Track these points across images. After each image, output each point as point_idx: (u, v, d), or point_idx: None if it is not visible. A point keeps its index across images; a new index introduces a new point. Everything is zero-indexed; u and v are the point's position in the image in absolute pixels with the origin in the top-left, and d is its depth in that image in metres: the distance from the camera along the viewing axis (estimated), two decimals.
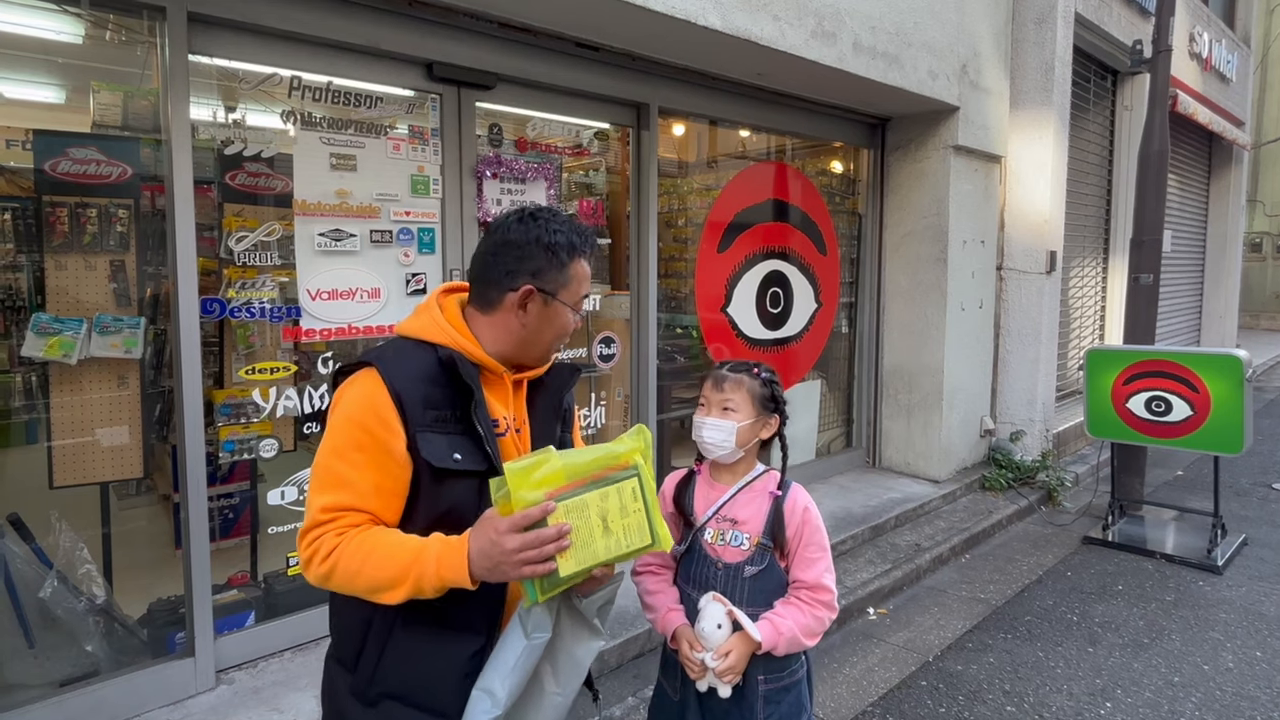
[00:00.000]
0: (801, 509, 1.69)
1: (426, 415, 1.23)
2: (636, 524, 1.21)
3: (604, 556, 1.18)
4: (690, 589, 1.70)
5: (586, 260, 1.38)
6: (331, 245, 2.87)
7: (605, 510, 1.19)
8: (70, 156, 2.50)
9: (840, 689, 2.97)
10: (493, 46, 3.20)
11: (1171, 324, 9.04)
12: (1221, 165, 10.11)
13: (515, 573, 1.13)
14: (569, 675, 1.26)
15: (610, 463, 1.22)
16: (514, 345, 1.35)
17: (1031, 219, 5.59)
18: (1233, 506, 5.09)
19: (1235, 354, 4.10)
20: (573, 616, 1.27)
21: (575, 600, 1.26)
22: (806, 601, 1.65)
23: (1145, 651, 3.27)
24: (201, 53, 2.57)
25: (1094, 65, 6.59)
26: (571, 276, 1.35)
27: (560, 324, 1.37)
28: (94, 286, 2.58)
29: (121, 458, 2.66)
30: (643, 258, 3.96)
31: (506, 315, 1.33)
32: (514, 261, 1.32)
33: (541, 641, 1.20)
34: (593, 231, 1.42)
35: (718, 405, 1.70)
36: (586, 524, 1.17)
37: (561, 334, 1.38)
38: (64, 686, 2.39)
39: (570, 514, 1.16)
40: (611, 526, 1.19)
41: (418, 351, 1.28)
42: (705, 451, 1.73)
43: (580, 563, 1.16)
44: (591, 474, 1.20)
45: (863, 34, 4.06)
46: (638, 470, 1.23)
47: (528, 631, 1.20)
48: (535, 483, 1.15)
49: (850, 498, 4.79)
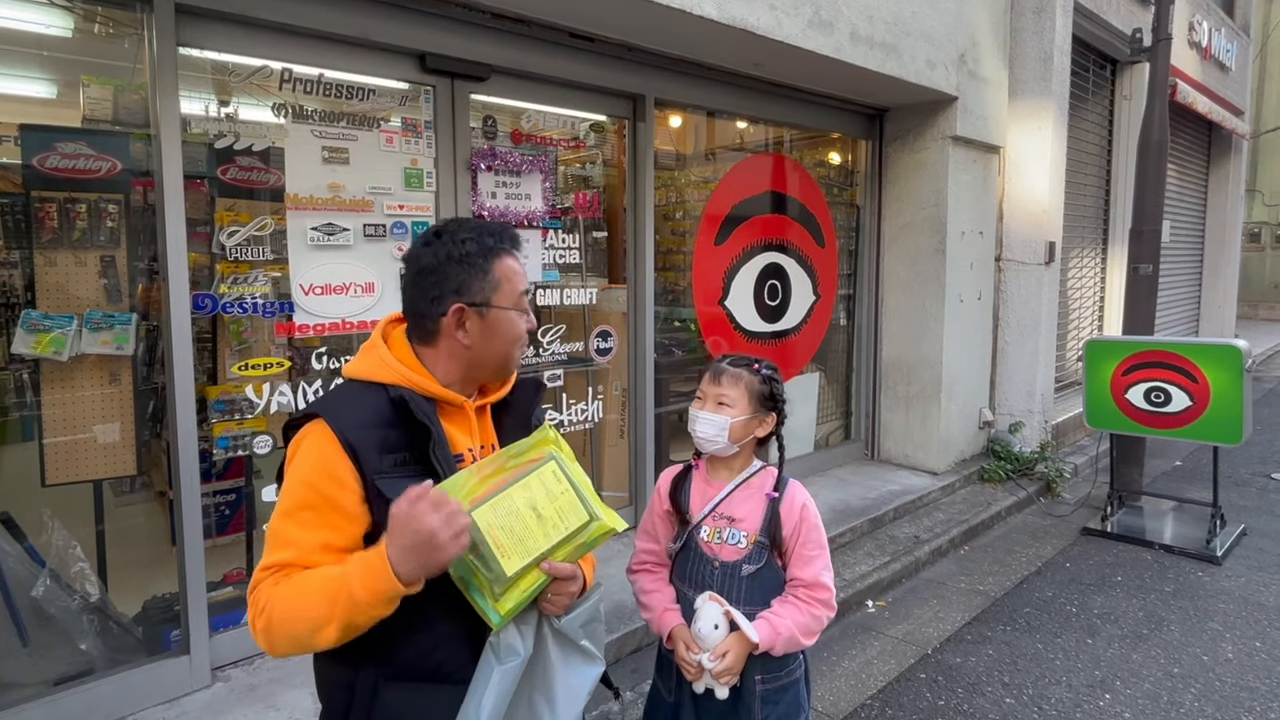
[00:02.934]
0: (799, 507, 1.67)
1: (384, 461, 1.18)
2: (569, 504, 1.19)
3: (546, 545, 1.16)
4: (686, 588, 1.68)
5: (511, 257, 1.31)
6: (324, 240, 2.85)
7: (532, 500, 1.17)
8: (59, 151, 2.47)
9: (839, 682, 2.96)
10: (486, 37, 3.17)
11: (1170, 314, 9.02)
12: (1220, 154, 10.08)
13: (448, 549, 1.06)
14: (566, 706, 1.22)
15: (520, 460, 1.21)
16: (467, 368, 1.30)
17: (1030, 209, 5.56)
18: (1232, 497, 5.09)
19: (1234, 344, 4.08)
20: (561, 643, 1.23)
21: (556, 623, 1.22)
22: (804, 600, 1.63)
23: (1144, 643, 3.27)
24: (190, 45, 2.54)
25: (1093, 54, 6.55)
26: (500, 279, 1.28)
27: (507, 331, 1.30)
28: (84, 282, 2.56)
29: (114, 455, 2.64)
30: (640, 251, 3.93)
31: (449, 341, 1.28)
32: (434, 286, 1.26)
33: (514, 665, 1.16)
34: (506, 228, 1.34)
35: (713, 399, 1.68)
36: (518, 518, 1.15)
37: (514, 340, 1.31)
38: (58, 685, 2.38)
39: (496, 512, 1.13)
40: (543, 513, 1.17)
41: (367, 394, 1.22)
42: (698, 445, 1.72)
43: (524, 556, 1.14)
44: (507, 473, 1.18)
45: (860, 23, 4.02)
46: (554, 456, 1.22)
47: (499, 656, 1.16)
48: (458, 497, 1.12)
49: (849, 490, 4.78)
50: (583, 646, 1.24)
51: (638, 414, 4.03)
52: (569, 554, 1.20)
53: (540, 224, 3.56)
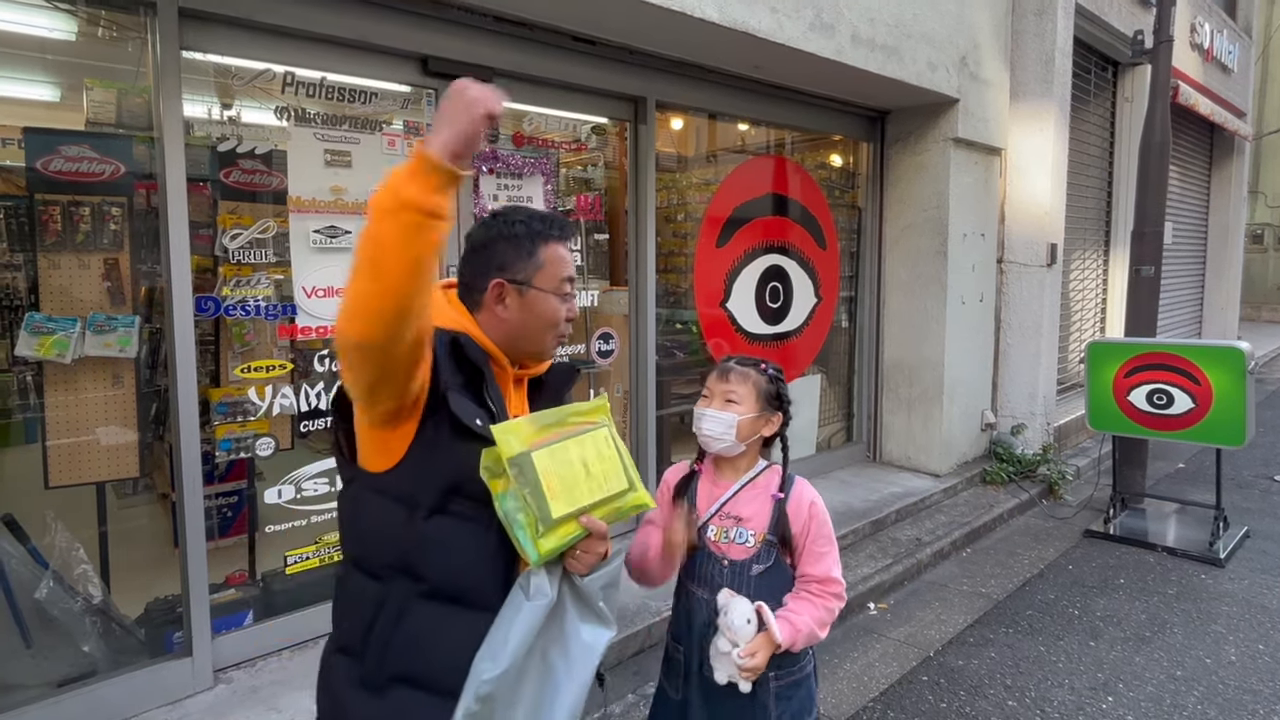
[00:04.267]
0: (807, 504, 1.68)
1: (453, 379, 1.24)
2: (612, 470, 1.28)
3: (588, 499, 1.23)
4: (695, 587, 1.68)
5: (559, 243, 1.37)
6: (327, 242, 2.86)
7: (584, 456, 1.25)
8: (62, 154, 2.48)
9: (841, 684, 2.96)
10: (488, 41, 3.18)
11: (1173, 316, 9.01)
12: (1223, 156, 10.07)
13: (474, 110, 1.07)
14: (582, 662, 1.26)
15: (578, 418, 1.29)
16: (504, 339, 1.34)
17: (1032, 211, 5.56)
18: (1235, 499, 5.08)
19: (1237, 346, 4.08)
20: (579, 602, 1.28)
21: (578, 581, 1.27)
22: (817, 594, 1.65)
23: (1147, 645, 3.26)
24: (194, 49, 2.55)
25: (1094, 56, 6.55)
26: (544, 261, 1.34)
27: (543, 311, 1.34)
28: (88, 285, 2.56)
29: (117, 457, 2.65)
30: (641, 253, 3.94)
31: (489, 314, 1.34)
32: (483, 263, 1.34)
33: (543, 604, 1.20)
34: (560, 217, 1.41)
35: (720, 396, 1.68)
36: (570, 468, 1.22)
37: (550, 322, 1.35)
38: (61, 687, 2.38)
39: (553, 458, 1.21)
40: (592, 470, 1.25)
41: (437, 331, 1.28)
42: (704, 444, 1.71)
43: (570, 504, 1.21)
44: (565, 427, 1.26)
45: (861, 26, 4.03)
46: (607, 425, 1.31)
47: (529, 594, 1.21)
48: (520, 437, 1.20)
49: (851, 492, 4.77)
50: (598, 609, 1.28)
51: (639, 416, 4.03)
52: (605, 515, 1.27)
53: None
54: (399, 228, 1.04)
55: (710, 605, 1.63)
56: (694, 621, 1.66)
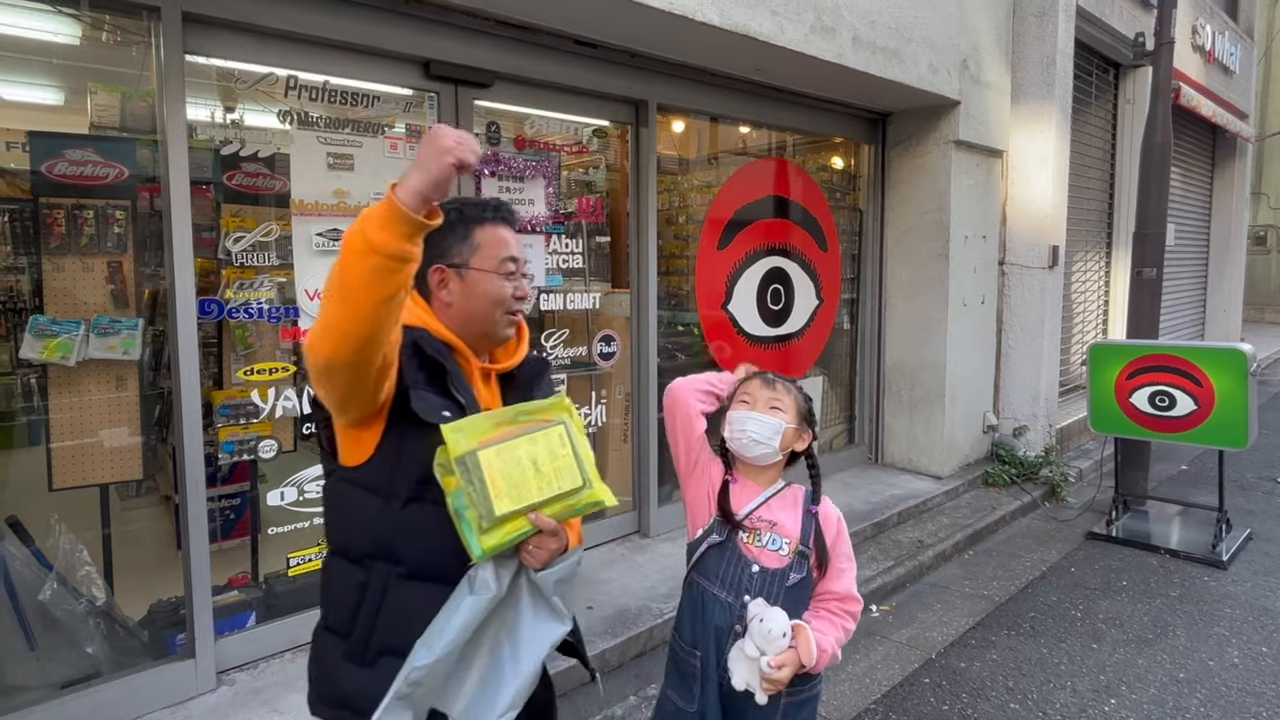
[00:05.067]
0: (835, 520, 1.70)
1: (415, 376, 1.28)
2: (565, 467, 1.27)
3: (537, 497, 1.24)
4: (718, 589, 1.63)
5: (495, 225, 1.40)
6: (329, 245, 2.86)
7: (534, 454, 1.26)
8: (66, 158, 2.49)
9: (843, 686, 2.96)
10: (490, 44, 3.19)
11: (1175, 318, 9.00)
12: (1225, 158, 10.06)
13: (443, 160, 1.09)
14: (529, 655, 1.29)
15: (534, 416, 1.30)
16: (458, 326, 1.38)
17: (1033, 214, 5.56)
18: (1237, 501, 5.07)
19: (1239, 348, 4.07)
20: (534, 596, 1.30)
21: (532, 575, 1.29)
22: (837, 613, 1.65)
23: (1150, 648, 3.25)
24: (197, 53, 2.56)
25: (1095, 58, 6.55)
26: (479, 243, 1.38)
27: (486, 290, 1.38)
28: (92, 288, 2.57)
29: (120, 459, 2.66)
30: (642, 255, 3.94)
31: (438, 302, 1.39)
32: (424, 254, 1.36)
33: (485, 598, 1.23)
34: (499, 202, 1.44)
35: (766, 403, 1.67)
36: (518, 466, 1.24)
37: (495, 300, 1.38)
38: (65, 688, 2.39)
39: (500, 456, 1.22)
40: (542, 469, 1.26)
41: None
42: (744, 449, 1.67)
43: (516, 501, 1.22)
44: (519, 425, 1.28)
45: (862, 29, 4.04)
46: (564, 421, 1.31)
47: (473, 588, 1.24)
48: (470, 434, 1.22)
49: (853, 494, 4.77)
50: (553, 603, 1.30)
51: (641, 418, 4.03)
52: (557, 512, 1.27)
53: (544, 229, 3.57)
54: (368, 270, 1.10)
55: (733, 609, 1.60)
56: (710, 623, 1.62)
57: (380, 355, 1.17)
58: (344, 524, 1.35)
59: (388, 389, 1.25)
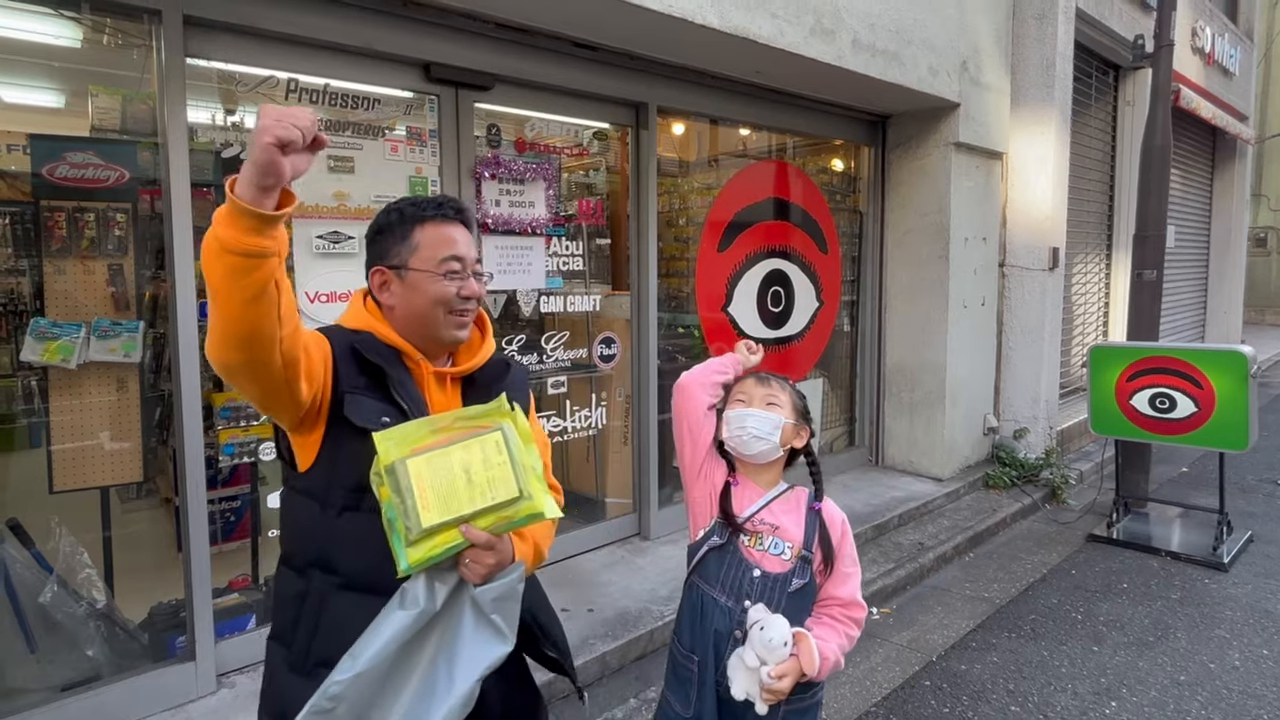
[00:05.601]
0: (840, 523, 1.68)
1: (352, 380, 1.27)
2: (501, 476, 1.21)
3: (468, 508, 1.18)
4: (718, 593, 1.60)
5: (438, 223, 1.36)
6: (330, 248, 2.87)
7: (467, 462, 1.20)
8: (68, 161, 2.50)
9: (843, 689, 2.95)
10: (490, 47, 3.19)
11: (1175, 320, 9.00)
12: (1225, 160, 10.07)
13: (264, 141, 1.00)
14: (465, 674, 1.23)
15: (470, 423, 1.24)
16: (405, 329, 1.36)
17: (1034, 215, 5.56)
18: (1238, 503, 5.07)
19: (1240, 350, 4.07)
20: (475, 613, 1.25)
21: (472, 590, 1.24)
22: (841, 620, 1.63)
23: (1151, 650, 3.25)
24: (198, 55, 2.57)
25: (1095, 60, 6.56)
26: (418, 243, 1.35)
27: (426, 292, 1.34)
28: (92, 291, 2.58)
29: (121, 462, 2.66)
30: (643, 257, 3.94)
31: (385, 305, 1.38)
32: (370, 257, 1.39)
33: (414, 613, 1.19)
34: (447, 199, 1.40)
35: (762, 399, 1.67)
36: (448, 476, 1.18)
37: (436, 300, 1.34)
38: (65, 691, 2.39)
39: (431, 464, 1.18)
40: (475, 478, 1.19)
41: (339, 334, 1.34)
42: (744, 445, 1.65)
43: (444, 513, 1.17)
44: (454, 432, 1.22)
45: (862, 31, 4.04)
46: (502, 427, 1.24)
47: (403, 602, 1.20)
48: (401, 442, 1.18)
49: (853, 496, 4.77)
50: (493, 621, 1.24)
51: (641, 420, 4.03)
52: (492, 524, 1.21)
53: (544, 231, 3.57)
54: (225, 270, 1.04)
55: (733, 614, 1.57)
56: (709, 627, 1.59)
57: (275, 354, 1.12)
58: (289, 532, 1.36)
59: (311, 391, 1.22)
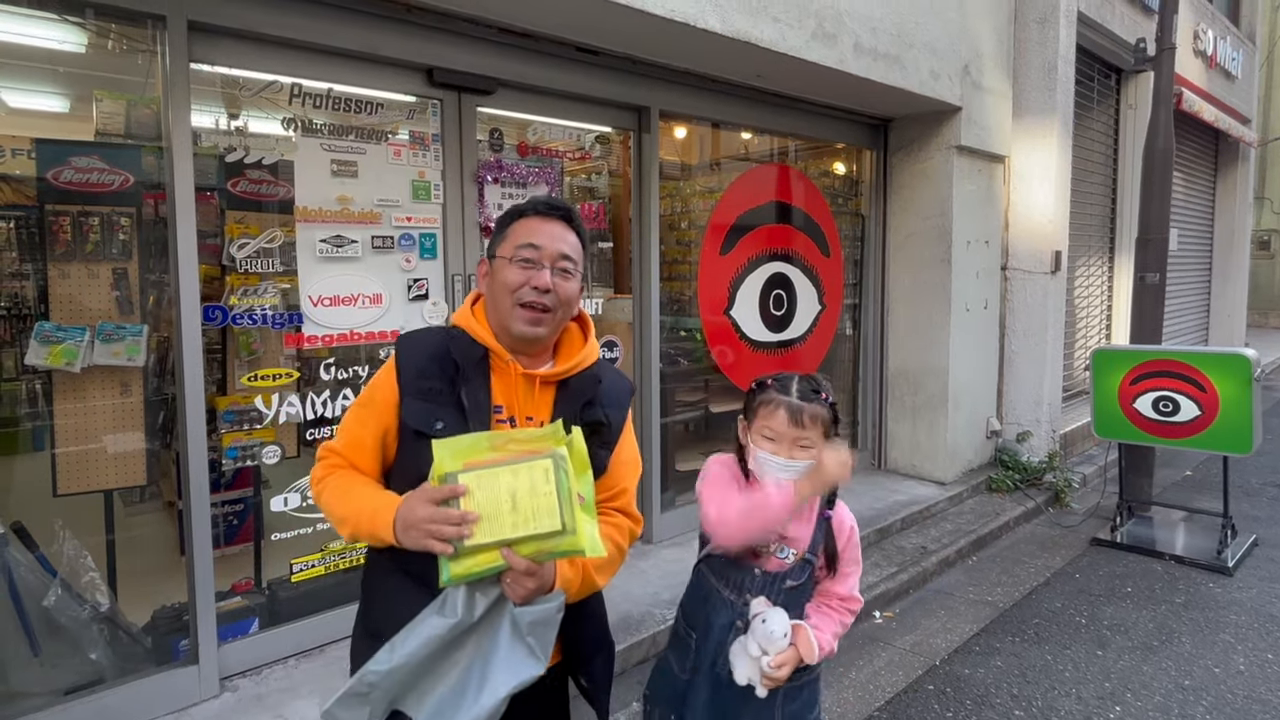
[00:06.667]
0: (849, 528, 1.73)
1: (419, 384, 1.34)
2: (545, 506, 1.18)
3: (509, 534, 1.17)
4: (723, 586, 1.68)
5: (534, 217, 1.42)
6: (333, 251, 2.88)
7: (514, 487, 1.18)
8: (73, 165, 2.51)
9: (846, 693, 2.95)
10: (492, 51, 3.20)
11: (1178, 323, 8.98)
12: (1228, 162, 10.05)
13: (421, 541, 1.19)
14: (493, 688, 1.22)
15: (524, 446, 1.23)
16: (491, 318, 1.42)
17: (1036, 219, 5.56)
18: (1243, 507, 5.05)
19: (1243, 353, 4.06)
20: (514, 630, 1.25)
21: (510, 609, 1.24)
22: (837, 610, 1.71)
23: (1155, 654, 3.24)
24: (202, 60, 2.58)
25: (1097, 64, 6.56)
26: (509, 233, 1.41)
27: (501, 279, 1.39)
28: (97, 294, 2.59)
29: (124, 465, 2.66)
30: (645, 261, 3.95)
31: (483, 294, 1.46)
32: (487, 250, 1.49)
33: (448, 622, 1.22)
34: (552, 199, 1.48)
35: (792, 442, 1.58)
36: (494, 498, 1.18)
37: (506, 289, 1.37)
38: (68, 695, 2.39)
39: (480, 483, 1.18)
40: (519, 505, 1.18)
41: (440, 334, 1.42)
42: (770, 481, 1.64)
43: (487, 534, 1.17)
44: (514, 452, 1.22)
45: (863, 35, 4.05)
46: (554, 455, 1.20)
47: (442, 608, 1.23)
48: (456, 453, 1.20)
49: (856, 500, 4.76)
50: (528, 643, 1.25)
51: (643, 424, 4.03)
52: (533, 553, 1.20)
53: None
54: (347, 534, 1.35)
55: (736, 608, 1.65)
56: (714, 621, 1.66)
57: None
58: None
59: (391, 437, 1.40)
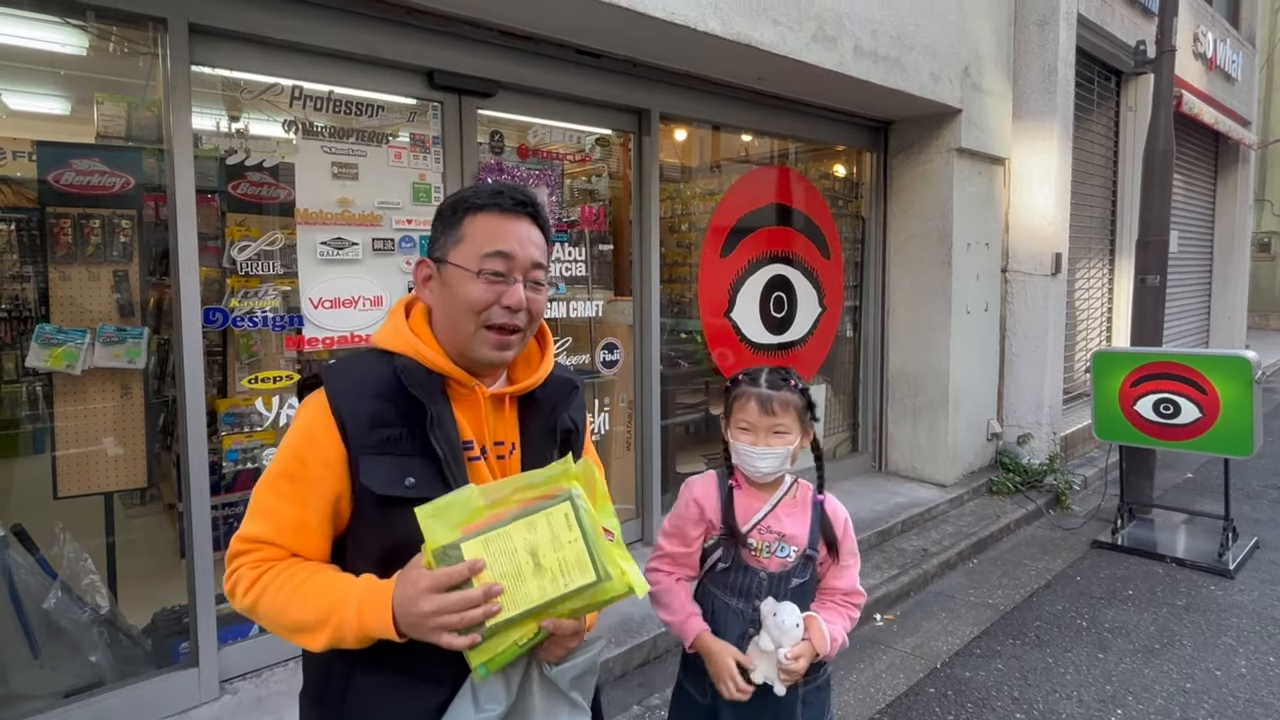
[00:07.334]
0: (843, 519, 1.74)
1: (373, 436, 1.08)
2: (575, 557, 1.01)
3: (539, 599, 0.99)
4: (732, 598, 1.66)
5: (493, 214, 1.14)
6: (334, 254, 2.88)
7: (534, 544, 1.00)
8: (73, 168, 2.51)
9: (847, 696, 2.94)
10: (493, 54, 3.21)
11: (1179, 325, 8.98)
12: (1228, 165, 10.06)
13: (435, 638, 0.97)
14: None
15: (532, 493, 1.04)
16: (444, 337, 1.16)
17: (1036, 221, 5.56)
18: (1244, 509, 5.04)
19: (1244, 355, 4.06)
20: (548, 692, 1.09)
21: (546, 670, 1.09)
22: (842, 605, 1.71)
23: (1156, 657, 3.23)
24: (203, 63, 2.58)
25: (1097, 66, 6.57)
26: (463, 234, 1.13)
27: (459, 294, 1.12)
28: (97, 297, 2.59)
29: (125, 467, 2.66)
30: (645, 263, 3.95)
31: (428, 304, 1.18)
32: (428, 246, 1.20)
33: (494, 714, 1.04)
34: (513, 187, 1.18)
35: (768, 430, 1.63)
36: (513, 561, 0.99)
37: (467, 307, 1.11)
38: (68, 697, 2.39)
39: (490, 548, 0.99)
40: (544, 562, 1.00)
41: (378, 363, 1.13)
42: (753, 477, 1.68)
43: (512, 607, 0.98)
44: (520, 502, 1.03)
45: (863, 38, 4.05)
46: (570, 495, 1.03)
47: (479, 702, 1.04)
48: (452, 523, 1.00)
49: (857, 502, 4.75)
50: (571, 699, 1.10)
51: (644, 426, 4.03)
52: (572, 610, 1.03)
53: None
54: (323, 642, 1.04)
55: (747, 615, 1.64)
56: (727, 636, 1.64)
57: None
58: None
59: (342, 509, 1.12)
